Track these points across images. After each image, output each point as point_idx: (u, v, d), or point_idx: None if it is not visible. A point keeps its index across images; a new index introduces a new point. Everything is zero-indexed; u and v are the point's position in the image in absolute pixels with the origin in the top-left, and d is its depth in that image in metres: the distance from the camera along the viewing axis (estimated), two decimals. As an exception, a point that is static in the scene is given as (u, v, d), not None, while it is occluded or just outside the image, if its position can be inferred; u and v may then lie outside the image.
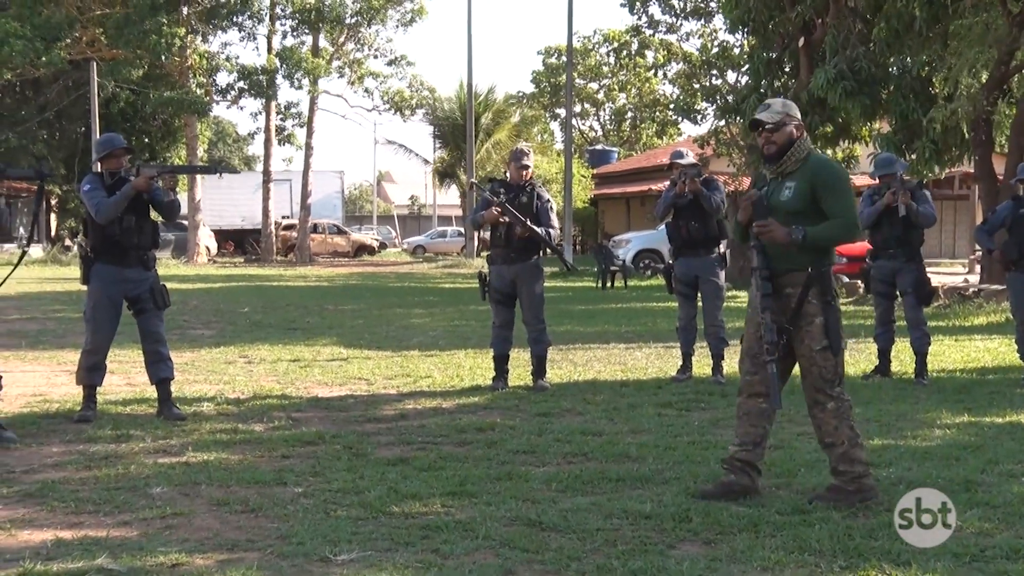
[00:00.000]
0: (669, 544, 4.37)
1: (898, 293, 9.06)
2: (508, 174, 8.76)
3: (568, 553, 4.20)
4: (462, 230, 47.10)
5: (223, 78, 38.63)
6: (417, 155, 52.42)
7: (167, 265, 30.86)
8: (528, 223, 8.32)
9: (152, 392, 7.43)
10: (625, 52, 49.19)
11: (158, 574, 3.96)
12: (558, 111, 56.52)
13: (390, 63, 42.64)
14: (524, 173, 8.53)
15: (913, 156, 18.54)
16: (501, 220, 8.43)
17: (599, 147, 53.70)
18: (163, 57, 34.51)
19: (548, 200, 8.62)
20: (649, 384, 8.90)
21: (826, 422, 5.00)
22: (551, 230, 8.51)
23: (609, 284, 24.34)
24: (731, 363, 8.37)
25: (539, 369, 8.70)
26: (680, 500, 5.01)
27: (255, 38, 39.36)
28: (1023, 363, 8.88)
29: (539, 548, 4.27)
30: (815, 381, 4.98)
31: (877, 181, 9.05)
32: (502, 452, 6.11)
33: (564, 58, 38.84)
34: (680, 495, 5.11)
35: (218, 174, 9.24)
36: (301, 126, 40.67)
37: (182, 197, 35.09)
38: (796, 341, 4.98)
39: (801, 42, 21.15)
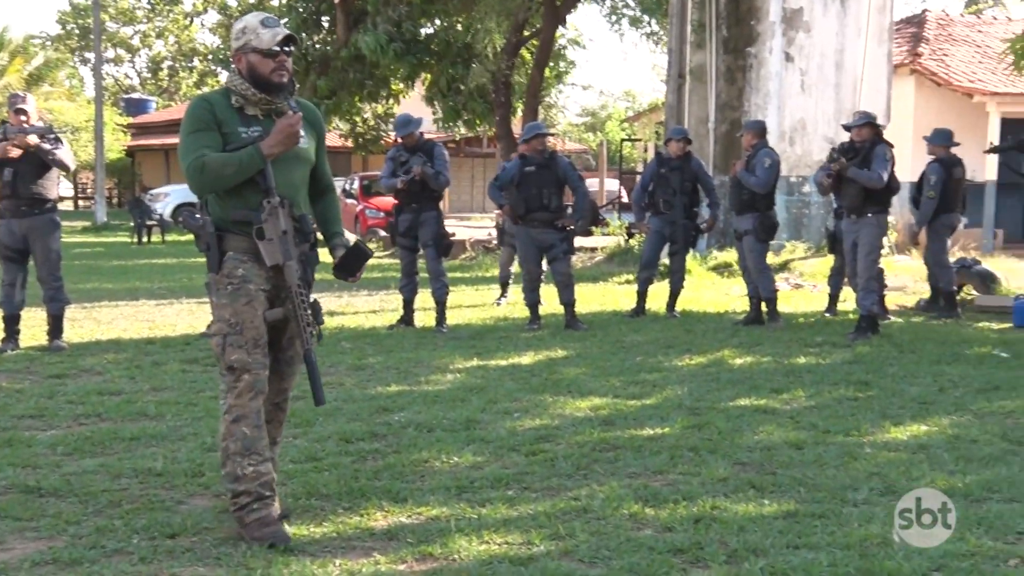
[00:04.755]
0: (178, 500, 4.34)
1: (420, 246, 9.51)
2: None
3: (66, 517, 4.04)
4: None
5: None
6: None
7: None
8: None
9: None
10: (161, -2, 47.23)
11: None
12: (88, 55, 53.00)
13: None
14: (23, 120, 7.98)
15: (438, 116, 19.53)
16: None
17: (135, 96, 51.10)
18: None
19: (52, 133, 8.09)
20: (177, 341, 8.71)
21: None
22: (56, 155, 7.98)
23: (146, 239, 23.52)
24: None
25: (55, 329, 8.26)
26: (195, 456, 4.98)
27: None
28: (528, 308, 9.71)
29: (34, 515, 4.07)
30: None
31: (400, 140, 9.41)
32: (5, 418, 5.75)
33: (93, -2, 36.31)
34: (196, 451, 5.08)
35: None
36: None
37: None
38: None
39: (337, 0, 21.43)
